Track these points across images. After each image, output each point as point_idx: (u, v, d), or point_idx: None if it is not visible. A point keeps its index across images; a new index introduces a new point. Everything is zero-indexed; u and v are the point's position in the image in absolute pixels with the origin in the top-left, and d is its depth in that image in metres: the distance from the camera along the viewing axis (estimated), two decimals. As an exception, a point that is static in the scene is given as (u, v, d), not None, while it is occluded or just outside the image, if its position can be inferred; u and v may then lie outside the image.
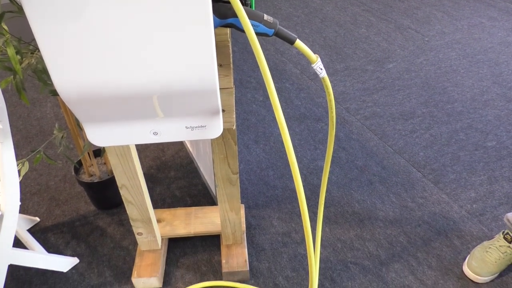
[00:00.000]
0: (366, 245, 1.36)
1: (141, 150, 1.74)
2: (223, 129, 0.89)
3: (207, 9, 0.56)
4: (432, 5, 2.94)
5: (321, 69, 0.76)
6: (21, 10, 0.99)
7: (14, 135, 1.83)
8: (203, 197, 1.54)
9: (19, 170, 1.10)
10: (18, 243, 1.31)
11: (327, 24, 2.74)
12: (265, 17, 0.68)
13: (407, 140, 1.78)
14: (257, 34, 0.68)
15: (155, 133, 0.75)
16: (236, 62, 2.34)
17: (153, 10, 0.55)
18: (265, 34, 0.69)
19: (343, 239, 1.38)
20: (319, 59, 0.74)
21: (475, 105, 1.97)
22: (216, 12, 0.66)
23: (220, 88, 0.85)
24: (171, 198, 1.54)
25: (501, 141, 1.76)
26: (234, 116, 0.94)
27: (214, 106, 0.70)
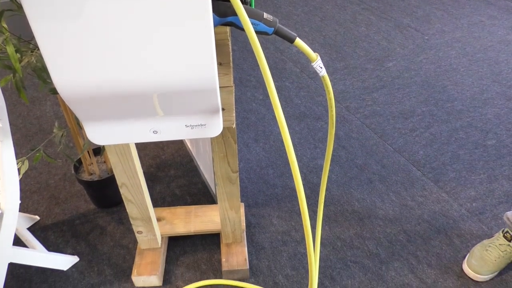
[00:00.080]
0: (365, 243, 1.36)
1: (141, 148, 1.74)
2: (223, 127, 0.89)
3: (207, 8, 0.56)
4: (432, 3, 2.93)
5: (321, 67, 0.76)
6: (20, 8, 0.99)
7: (14, 133, 1.83)
8: (203, 195, 1.54)
9: (19, 169, 1.10)
10: (18, 242, 1.31)
11: (327, 22, 2.74)
12: (265, 15, 0.68)
13: (407, 138, 1.78)
14: (257, 32, 0.68)
15: (155, 132, 0.75)
16: (236, 60, 2.34)
17: (153, 8, 0.55)
18: (265, 33, 0.69)
19: (342, 238, 1.38)
20: (319, 58, 0.74)
21: (475, 103, 1.97)
22: (215, 10, 0.66)
23: (220, 87, 0.85)
24: (171, 196, 1.54)
25: (501, 140, 1.76)
26: (234, 114, 0.94)
27: (214, 105, 0.70)
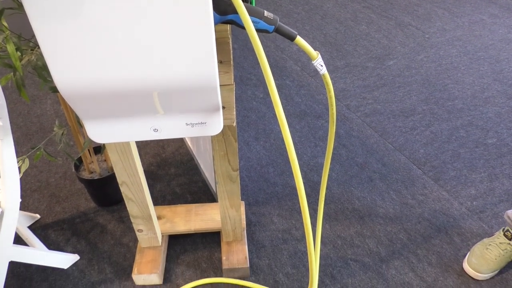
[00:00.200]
0: (366, 242, 1.36)
1: (141, 147, 1.74)
2: (223, 126, 0.89)
3: (207, 6, 0.56)
4: (432, 2, 2.93)
5: (322, 66, 0.76)
6: (21, 7, 0.99)
7: (14, 132, 1.83)
8: (203, 194, 1.54)
9: (20, 167, 1.10)
10: (18, 240, 1.31)
11: (327, 21, 2.73)
12: (266, 13, 0.68)
13: (408, 137, 1.77)
14: (258, 30, 0.68)
15: (155, 130, 0.75)
16: (237, 59, 2.34)
17: (153, 7, 0.55)
18: (266, 31, 0.69)
19: (343, 236, 1.38)
20: (319, 56, 0.74)
21: (475, 102, 1.97)
22: (216, 8, 0.66)
23: (221, 85, 0.84)
24: (171, 195, 1.54)
25: (502, 138, 1.75)
26: (234, 113, 0.94)
27: (215, 103, 0.70)
